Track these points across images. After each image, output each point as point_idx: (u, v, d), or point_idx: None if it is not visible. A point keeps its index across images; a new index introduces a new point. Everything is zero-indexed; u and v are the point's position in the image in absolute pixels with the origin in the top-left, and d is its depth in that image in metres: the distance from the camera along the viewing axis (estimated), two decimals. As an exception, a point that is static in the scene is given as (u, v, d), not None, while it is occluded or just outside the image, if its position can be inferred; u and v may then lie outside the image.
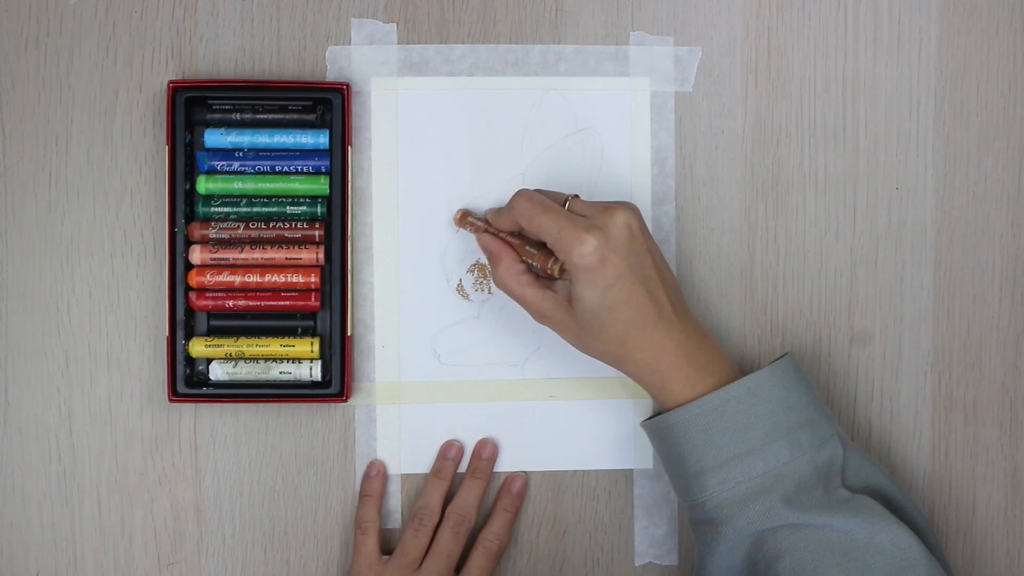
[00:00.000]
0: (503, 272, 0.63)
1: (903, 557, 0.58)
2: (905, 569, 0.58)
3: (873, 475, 0.61)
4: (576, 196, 0.63)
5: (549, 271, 0.62)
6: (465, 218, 0.67)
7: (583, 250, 0.58)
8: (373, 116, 0.68)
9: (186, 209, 0.66)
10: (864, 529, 0.58)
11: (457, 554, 0.67)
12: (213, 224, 0.66)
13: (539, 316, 0.63)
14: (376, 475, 0.68)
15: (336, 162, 0.67)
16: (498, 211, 0.65)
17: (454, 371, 0.69)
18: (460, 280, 0.69)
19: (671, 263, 0.69)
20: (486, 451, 0.69)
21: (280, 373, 0.67)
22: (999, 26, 0.70)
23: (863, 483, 0.61)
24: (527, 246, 0.64)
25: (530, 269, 0.63)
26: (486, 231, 0.65)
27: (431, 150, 0.69)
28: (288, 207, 0.67)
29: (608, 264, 0.58)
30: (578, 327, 0.61)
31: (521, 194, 0.62)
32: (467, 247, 0.69)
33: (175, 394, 0.66)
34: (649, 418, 0.63)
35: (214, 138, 0.67)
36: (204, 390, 0.67)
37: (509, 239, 0.64)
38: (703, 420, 0.59)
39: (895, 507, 0.61)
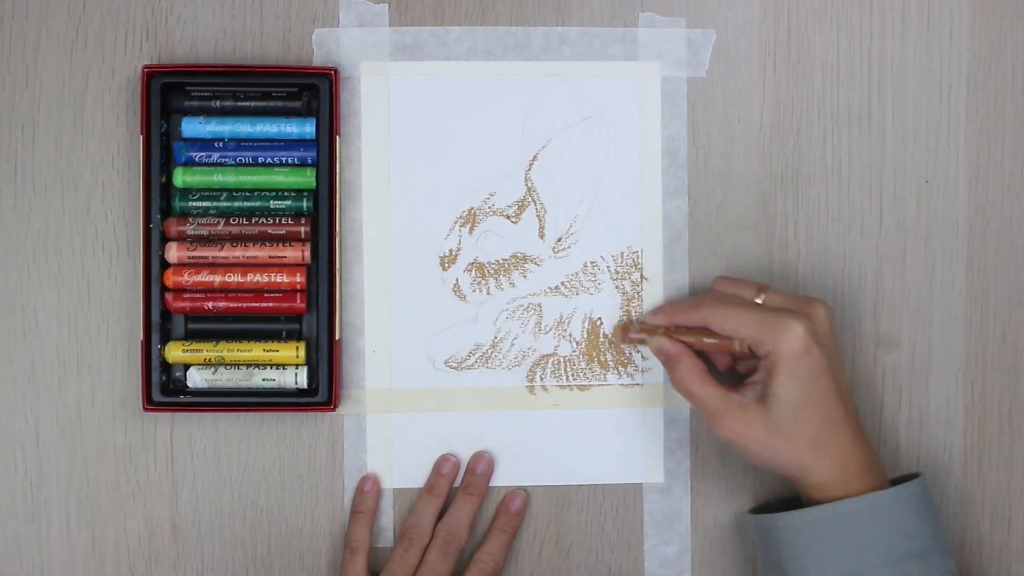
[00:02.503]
0: (683, 373, 0.62)
1: None
2: None
3: None
4: (767, 286, 0.63)
5: (738, 350, 0.61)
6: (627, 332, 0.65)
7: (790, 337, 0.59)
8: (363, 103, 0.67)
9: (162, 203, 0.65)
10: None
11: (447, 575, 0.65)
12: (191, 220, 0.65)
13: (719, 423, 0.61)
14: (370, 490, 0.67)
15: (323, 153, 0.66)
16: (680, 308, 0.64)
17: (450, 377, 0.68)
18: (456, 280, 0.68)
19: (683, 260, 0.68)
20: (481, 465, 0.67)
21: (263, 380, 0.65)
22: (1037, 6, 0.69)
23: None
24: (704, 338, 0.62)
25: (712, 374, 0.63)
26: (658, 333, 0.64)
27: (425, 140, 0.68)
28: (272, 201, 0.66)
29: (812, 354, 0.59)
30: (767, 432, 0.60)
31: (710, 297, 0.63)
32: (464, 244, 0.67)
33: (150, 402, 0.65)
34: (755, 510, 0.63)
35: (192, 127, 0.66)
36: (181, 398, 0.66)
37: (684, 339, 0.63)
38: (812, 530, 0.59)
39: None
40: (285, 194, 0.65)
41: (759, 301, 0.62)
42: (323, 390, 0.65)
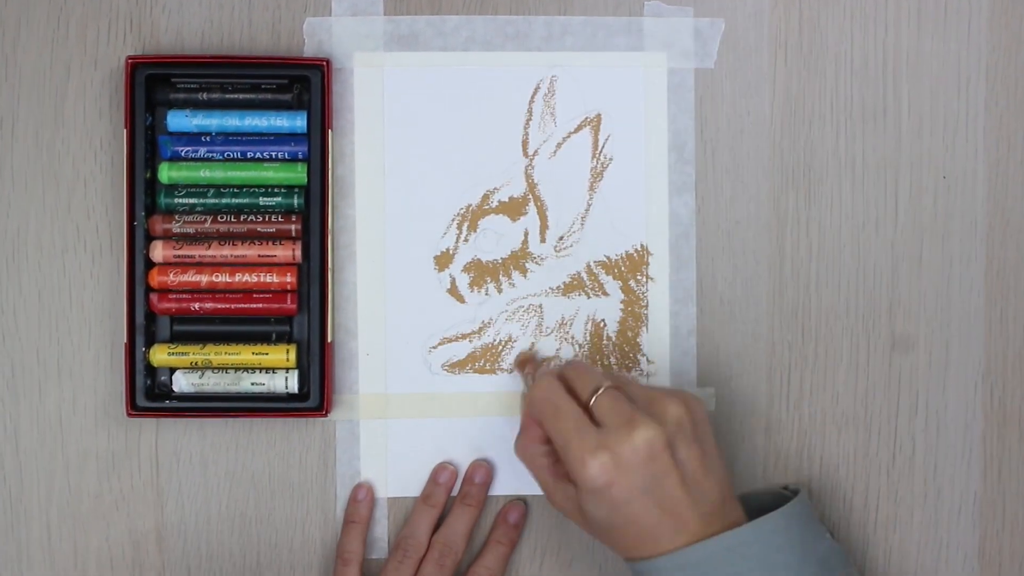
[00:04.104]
0: (521, 447, 0.61)
1: None
2: None
3: None
4: (608, 388, 0.58)
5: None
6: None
7: (586, 473, 0.56)
8: (356, 96, 0.66)
9: (147, 200, 0.64)
10: None
11: (442, 588, 0.65)
12: (177, 217, 0.64)
13: (550, 499, 0.60)
14: (363, 499, 0.66)
15: (315, 148, 0.65)
16: (531, 380, 0.64)
17: (447, 382, 0.67)
18: (454, 280, 0.67)
19: (690, 260, 0.67)
20: (479, 475, 0.66)
21: (252, 384, 0.65)
22: (1059, -6, 0.68)
23: None
24: None
25: (552, 452, 0.60)
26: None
27: (421, 134, 0.67)
28: (261, 198, 0.65)
29: (615, 487, 0.56)
30: (588, 528, 0.59)
31: (540, 386, 0.59)
32: (462, 243, 0.67)
33: (134, 408, 0.64)
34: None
35: (178, 121, 0.65)
36: (167, 403, 0.65)
37: None
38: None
39: None
40: (275, 190, 0.64)
41: (593, 401, 0.58)
42: (315, 395, 0.64)
